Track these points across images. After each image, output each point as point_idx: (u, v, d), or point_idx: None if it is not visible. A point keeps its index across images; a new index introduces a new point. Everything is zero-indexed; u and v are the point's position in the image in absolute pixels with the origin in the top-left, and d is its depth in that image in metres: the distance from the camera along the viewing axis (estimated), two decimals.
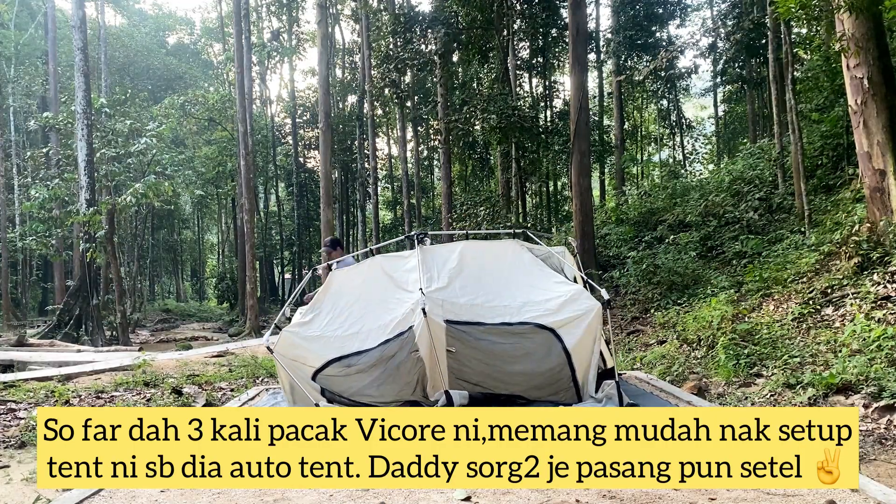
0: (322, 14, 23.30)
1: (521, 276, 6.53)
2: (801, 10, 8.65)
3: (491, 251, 6.94)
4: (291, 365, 6.08)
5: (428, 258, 6.52)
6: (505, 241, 7.17)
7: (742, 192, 15.39)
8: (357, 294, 6.47)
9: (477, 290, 6.26)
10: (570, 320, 6.06)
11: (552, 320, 6.00)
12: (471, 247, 6.88)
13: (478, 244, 7.19)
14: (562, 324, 6.03)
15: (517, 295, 6.24)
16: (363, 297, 6.43)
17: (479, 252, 6.82)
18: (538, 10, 21.42)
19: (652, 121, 34.27)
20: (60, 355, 12.96)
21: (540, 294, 6.30)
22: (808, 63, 16.93)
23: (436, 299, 5.95)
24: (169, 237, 44.98)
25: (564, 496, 3.90)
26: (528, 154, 21.48)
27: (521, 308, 6.03)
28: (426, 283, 6.07)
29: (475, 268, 6.52)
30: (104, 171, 21.45)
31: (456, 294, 6.15)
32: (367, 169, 30.01)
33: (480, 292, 6.25)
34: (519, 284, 6.42)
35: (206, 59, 46.10)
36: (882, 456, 4.84)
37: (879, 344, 6.65)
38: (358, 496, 4.04)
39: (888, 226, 8.22)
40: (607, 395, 6.11)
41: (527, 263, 6.75)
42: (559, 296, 6.22)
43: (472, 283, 6.35)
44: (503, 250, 6.89)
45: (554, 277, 6.61)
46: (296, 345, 6.08)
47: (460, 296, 6.15)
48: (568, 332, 6.05)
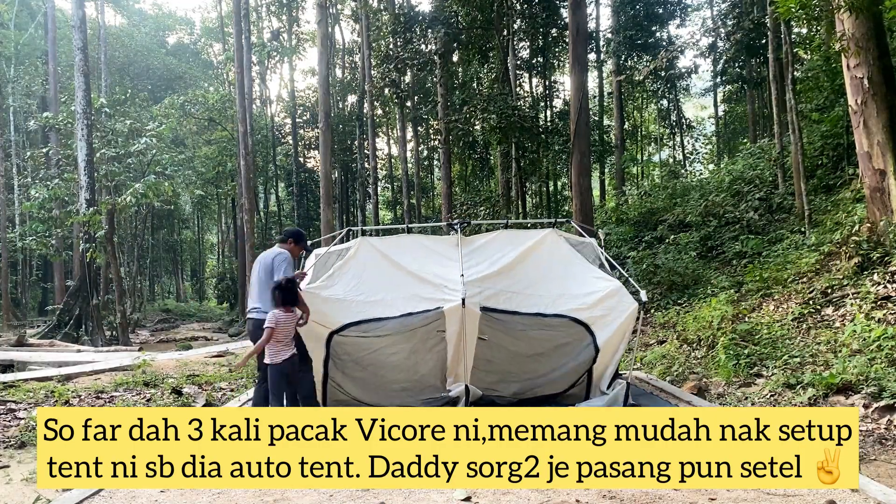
0: (322, 14, 23.29)
1: (558, 267, 6.52)
2: (801, 10, 8.64)
3: (529, 240, 6.93)
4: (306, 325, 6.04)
5: (467, 245, 6.54)
6: (543, 230, 7.14)
7: (742, 192, 15.39)
8: (387, 264, 6.42)
9: (514, 279, 6.27)
10: (605, 317, 6.03)
11: (587, 315, 5.99)
12: (509, 235, 6.93)
13: (516, 233, 7.20)
14: (596, 319, 6.00)
15: (553, 286, 6.22)
16: (394, 267, 6.37)
17: (517, 240, 6.83)
18: (538, 10, 21.42)
19: (652, 121, 34.26)
20: (60, 355, 12.96)
21: (577, 287, 6.28)
22: (808, 63, 16.92)
23: (474, 285, 5.94)
24: (169, 237, 44.96)
25: (564, 496, 3.90)
26: (528, 154, 21.47)
27: (556, 299, 6.02)
28: (466, 269, 6.04)
29: (513, 256, 6.52)
30: (104, 171, 21.43)
31: (494, 282, 6.16)
32: (367, 169, 30.00)
33: (517, 281, 6.26)
34: (556, 275, 6.40)
35: (206, 59, 46.07)
36: (882, 456, 4.84)
37: (879, 344, 6.65)
38: (358, 496, 4.04)
39: (888, 226, 8.22)
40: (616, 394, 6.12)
41: (564, 254, 6.73)
42: (597, 291, 6.20)
43: (510, 271, 6.35)
44: (541, 240, 6.86)
45: (592, 271, 6.59)
46: (316, 305, 5.95)
47: (498, 283, 6.15)
48: (601, 328, 6.04)
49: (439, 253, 6.52)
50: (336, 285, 6.21)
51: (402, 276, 6.25)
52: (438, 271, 6.23)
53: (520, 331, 6.01)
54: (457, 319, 5.78)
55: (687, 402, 6.52)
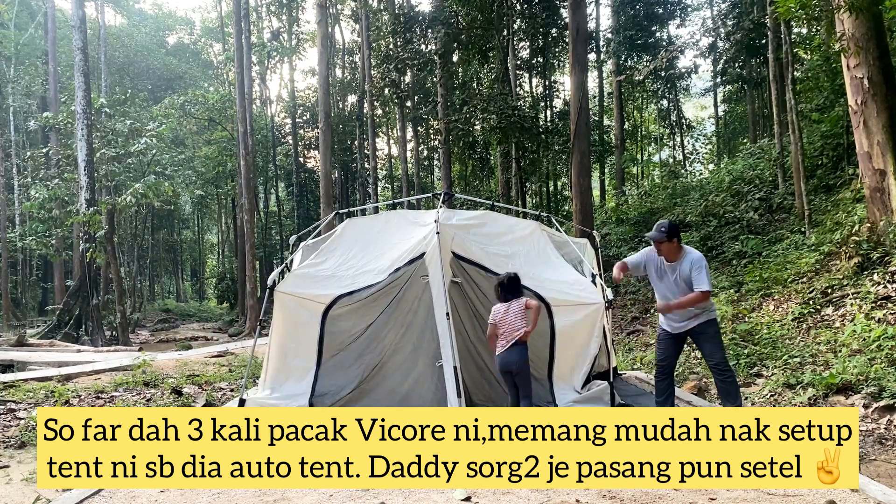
0: (322, 14, 23.30)
1: (533, 255, 6.60)
2: (801, 10, 8.64)
3: (513, 225, 7.09)
4: (298, 304, 6.06)
5: (449, 211, 6.69)
6: (528, 220, 7.26)
7: (742, 192, 15.39)
8: (373, 238, 6.62)
9: (488, 238, 6.37)
10: (568, 304, 6.04)
11: (550, 296, 6.01)
12: (494, 216, 7.10)
13: (501, 216, 7.38)
14: (558, 303, 6.02)
15: (525, 265, 6.27)
16: (379, 240, 6.55)
17: (500, 221, 7.03)
18: (538, 10, 21.41)
19: (652, 121, 34.24)
20: (60, 355, 12.96)
21: (545, 271, 6.35)
22: (808, 63, 16.93)
23: (448, 228, 6.03)
24: (169, 237, 44.96)
25: (564, 496, 3.90)
26: (528, 154, 21.47)
27: (525, 275, 6.02)
28: (443, 218, 6.12)
29: (493, 231, 6.66)
30: (104, 171, 21.45)
31: (468, 237, 6.26)
32: (367, 169, 30.00)
33: (490, 240, 6.36)
34: (530, 259, 6.48)
35: (206, 59, 46.05)
36: (882, 456, 4.84)
37: (879, 344, 6.65)
38: (358, 496, 4.04)
39: (888, 226, 8.22)
40: (594, 395, 6.04)
41: (543, 247, 6.82)
42: (565, 280, 6.26)
43: (486, 238, 6.45)
44: (524, 228, 6.99)
45: (566, 267, 6.66)
46: (307, 283, 6.08)
47: (472, 240, 6.26)
48: (561, 314, 6.04)
49: (422, 223, 6.68)
50: (325, 262, 6.40)
51: (387, 247, 6.42)
52: (419, 231, 6.40)
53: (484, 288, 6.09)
54: (436, 257, 5.87)
55: (687, 402, 6.52)
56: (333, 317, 6.03)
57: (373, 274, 6.09)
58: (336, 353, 6.13)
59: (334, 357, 6.13)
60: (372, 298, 6.03)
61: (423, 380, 5.94)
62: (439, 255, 5.80)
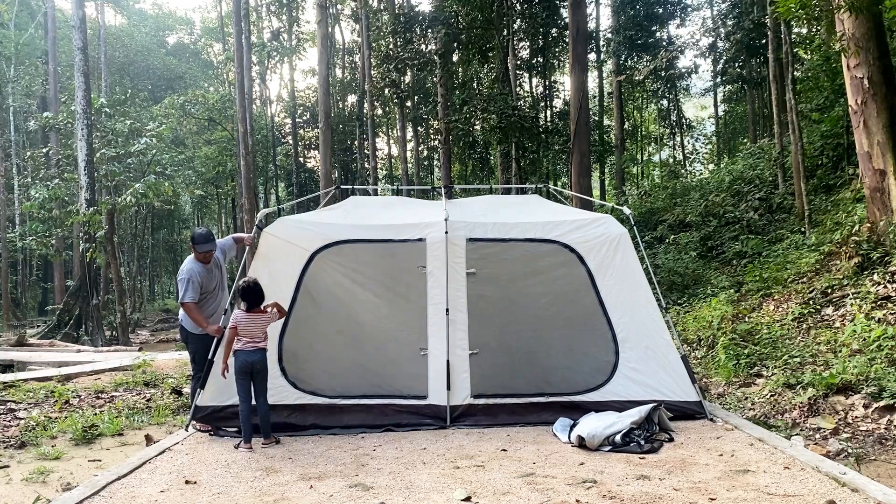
0: (322, 14, 23.29)
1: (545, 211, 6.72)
2: (801, 10, 8.63)
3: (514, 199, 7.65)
4: (282, 248, 5.95)
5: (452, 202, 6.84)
6: (527, 195, 7.65)
7: (742, 192, 15.39)
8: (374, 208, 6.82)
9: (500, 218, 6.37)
10: (593, 239, 6.04)
11: (574, 237, 6.02)
12: (493, 197, 7.54)
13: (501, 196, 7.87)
14: (583, 240, 6.00)
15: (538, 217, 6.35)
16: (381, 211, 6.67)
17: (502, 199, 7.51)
18: (538, 10, 21.40)
19: (652, 121, 34.23)
20: (60, 355, 12.95)
21: (564, 216, 6.43)
22: (808, 63, 16.93)
23: (458, 222, 6.02)
24: (169, 237, 44.90)
25: (564, 496, 3.90)
26: (528, 154, 21.46)
27: (545, 225, 6.08)
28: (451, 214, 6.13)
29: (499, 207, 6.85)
30: (104, 171, 21.40)
31: (479, 216, 6.29)
32: (367, 169, 29.98)
33: (503, 218, 6.37)
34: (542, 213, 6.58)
35: (206, 59, 46.01)
36: (882, 456, 4.83)
37: (879, 344, 6.65)
38: (358, 496, 4.03)
39: (888, 226, 8.21)
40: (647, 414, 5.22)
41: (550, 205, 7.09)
42: (584, 218, 6.31)
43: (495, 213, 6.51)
44: (526, 199, 7.33)
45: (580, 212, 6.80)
46: (297, 227, 6.05)
47: (483, 217, 6.29)
48: (590, 252, 6.00)
49: (425, 206, 6.84)
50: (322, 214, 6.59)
51: (388, 215, 6.45)
52: (423, 212, 6.45)
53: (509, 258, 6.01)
54: (441, 254, 5.81)
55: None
56: (316, 270, 5.89)
57: (365, 230, 6.05)
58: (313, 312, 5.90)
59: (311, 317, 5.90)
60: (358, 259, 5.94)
61: (402, 363, 5.84)
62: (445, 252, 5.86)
